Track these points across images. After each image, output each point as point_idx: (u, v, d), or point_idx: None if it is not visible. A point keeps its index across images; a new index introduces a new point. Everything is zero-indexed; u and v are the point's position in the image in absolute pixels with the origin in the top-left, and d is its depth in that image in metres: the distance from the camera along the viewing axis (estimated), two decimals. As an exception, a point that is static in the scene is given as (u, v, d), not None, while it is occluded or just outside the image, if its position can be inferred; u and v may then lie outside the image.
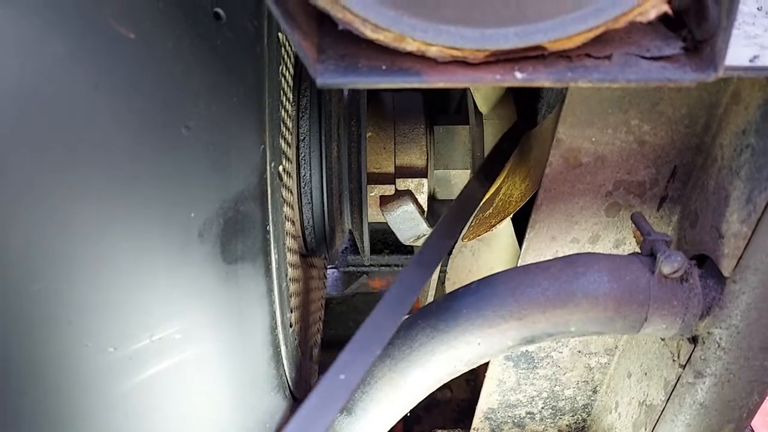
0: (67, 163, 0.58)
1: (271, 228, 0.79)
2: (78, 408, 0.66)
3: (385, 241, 1.89)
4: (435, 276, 1.34)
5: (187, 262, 0.69)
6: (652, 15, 0.56)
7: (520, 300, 0.68)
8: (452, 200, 1.46)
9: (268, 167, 0.77)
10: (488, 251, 1.30)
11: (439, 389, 1.77)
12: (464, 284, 1.32)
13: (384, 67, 0.57)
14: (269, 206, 0.78)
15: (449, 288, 1.29)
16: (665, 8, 0.55)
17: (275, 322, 0.85)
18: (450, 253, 1.30)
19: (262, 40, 0.74)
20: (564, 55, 0.58)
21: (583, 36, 0.56)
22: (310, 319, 1.26)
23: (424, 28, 0.55)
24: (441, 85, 0.57)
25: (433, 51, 0.55)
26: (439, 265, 1.37)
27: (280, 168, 0.85)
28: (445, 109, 1.51)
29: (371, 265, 1.95)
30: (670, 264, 0.66)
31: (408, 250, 1.83)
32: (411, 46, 0.55)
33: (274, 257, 0.81)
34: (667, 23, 0.61)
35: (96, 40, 0.58)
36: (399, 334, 0.76)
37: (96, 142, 0.60)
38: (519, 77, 0.56)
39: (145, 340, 0.68)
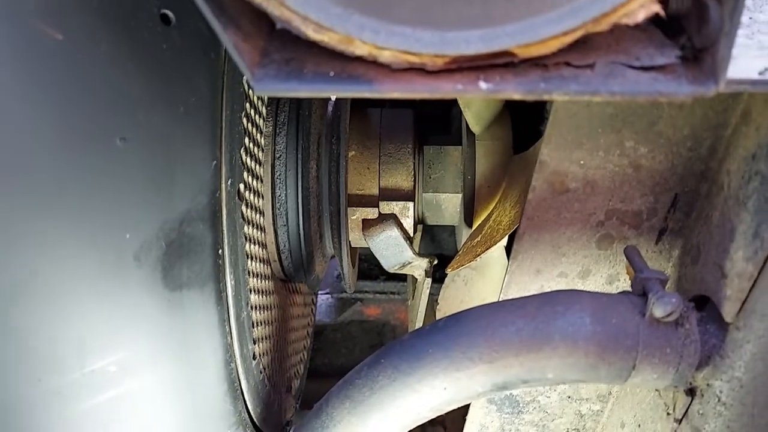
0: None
1: (226, 251, 0.72)
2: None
3: (380, 266, 1.80)
4: (423, 306, 1.25)
5: (122, 288, 0.62)
6: (641, 16, 0.48)
7: (491, 341, 0.60)
8: (442, 226, 1.38)
9: (223, 185, 0.70)
10: (481, 281, 1.21)
11: (432, 425, 1.68)
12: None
13: (332, 74, 0.49)
14: (223, 228, 0.71)
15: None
16: (656, 8, 0.48)
17: (231, 355, 0.77)
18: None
19: (218, 44, 0.68)
20: (539, 63, 0.50)
21: (559, 40, 0.48)
22: (289, 349, 1.19)
23: (374, 28, 0.47)
24: (396, 95, 0.49)
25: (386, 56, 0.48)
26: (428, 291, 1.28)
27: (241, 186, 0.78)
28: (445, 127, 1.41)
29: (366, 292, 1.86)
30: (663, 306, 0.58)
31: (404, 277, 1.73)
32: (360, 49, 0.48)
33: (229, 283, 0.74)
34: (665, 30, 0.53)
35: (16, 40, 0.52)
36: (360, 373, 0.69)
37: (14, 151, 0.54)
38: (484, 88, 0.48)
39: (75, 372, 0.62)
